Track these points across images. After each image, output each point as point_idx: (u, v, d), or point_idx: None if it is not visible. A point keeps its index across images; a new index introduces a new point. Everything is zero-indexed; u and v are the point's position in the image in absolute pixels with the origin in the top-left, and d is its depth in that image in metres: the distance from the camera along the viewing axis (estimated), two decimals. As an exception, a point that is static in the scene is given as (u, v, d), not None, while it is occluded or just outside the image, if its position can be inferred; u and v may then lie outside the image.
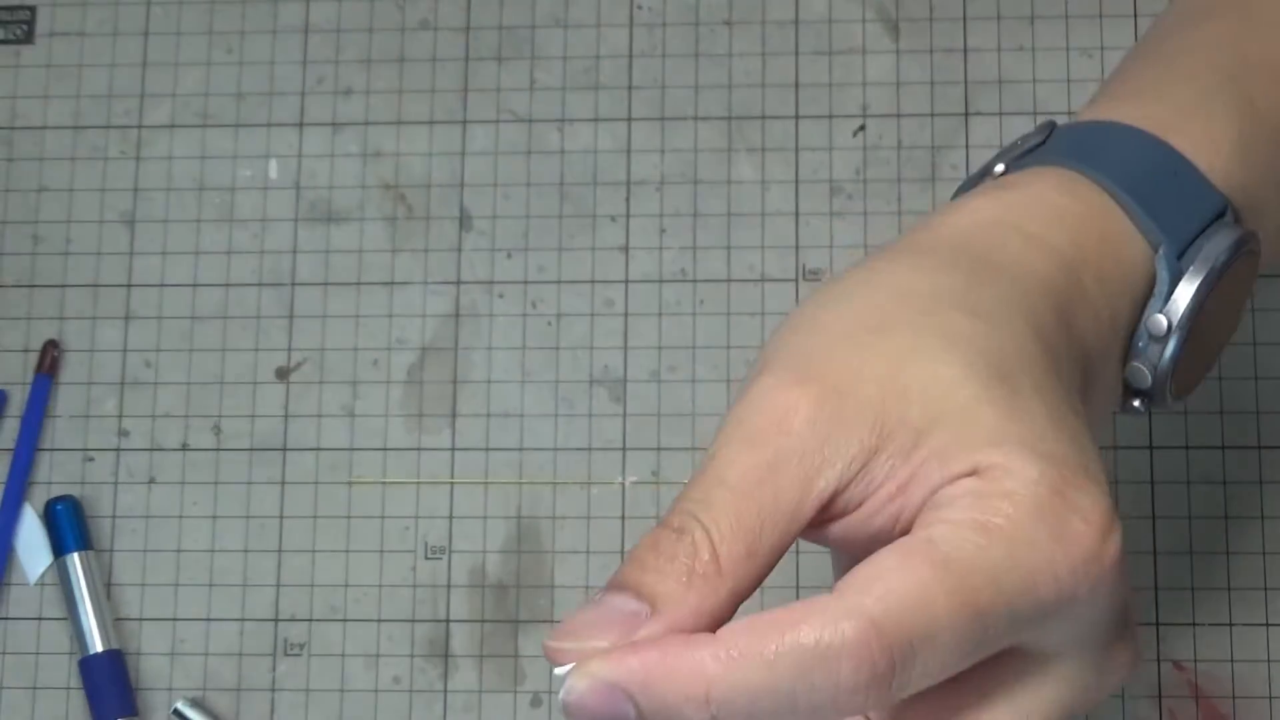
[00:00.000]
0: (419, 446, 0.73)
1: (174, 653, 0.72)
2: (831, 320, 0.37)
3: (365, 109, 0.76)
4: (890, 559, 0.32)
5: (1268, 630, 0.69)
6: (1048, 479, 0.33)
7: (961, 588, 0.32)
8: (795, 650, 0.31)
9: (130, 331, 0.75)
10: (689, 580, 0.33)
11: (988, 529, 0.32)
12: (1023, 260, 0.39)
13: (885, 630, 0.31)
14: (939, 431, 0.34)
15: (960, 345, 0.36)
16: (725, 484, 0.34)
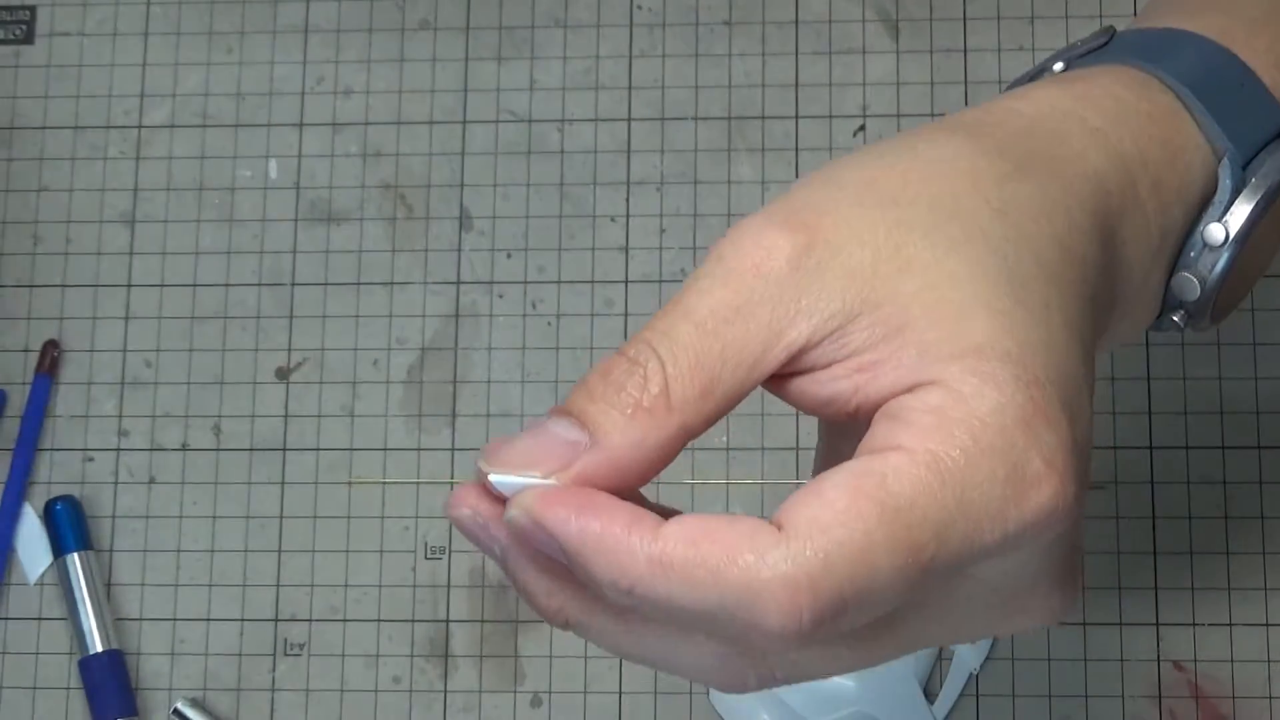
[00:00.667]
0: (419, 446, 0.73)
1: (174, 653, 0.72)
2: (849, 178, 0.35)
3: (365, 109, 0.76)
4: (839, 499, 0.30)
5: (1268, 630, 0.69)
6: (1018, 406, 0.31)
7: (908, 543, 0.30)
8: (726, 584, 0.30)
9: (130, 331, 0.75)
10: (633, 413, 0.32)
11: (942, 468, 0.31)
12: (1081, 156, 0.37)
13: (820, 590, 0.30)
14: (928, 323, 0.32)
15: (977, 240, 0.34)
16: (691, 318, 0.33)
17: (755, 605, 0.30)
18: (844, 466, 0.31)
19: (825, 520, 0.30)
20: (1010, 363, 0.32)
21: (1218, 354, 0.71)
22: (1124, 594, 0.69)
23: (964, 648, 0.68)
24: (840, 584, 0.30)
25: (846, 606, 0.30)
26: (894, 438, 0.31)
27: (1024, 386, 0.32)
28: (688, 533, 0.30)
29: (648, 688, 0.70)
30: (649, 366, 0.32)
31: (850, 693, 0.68)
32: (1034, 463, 0.31)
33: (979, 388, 0.31)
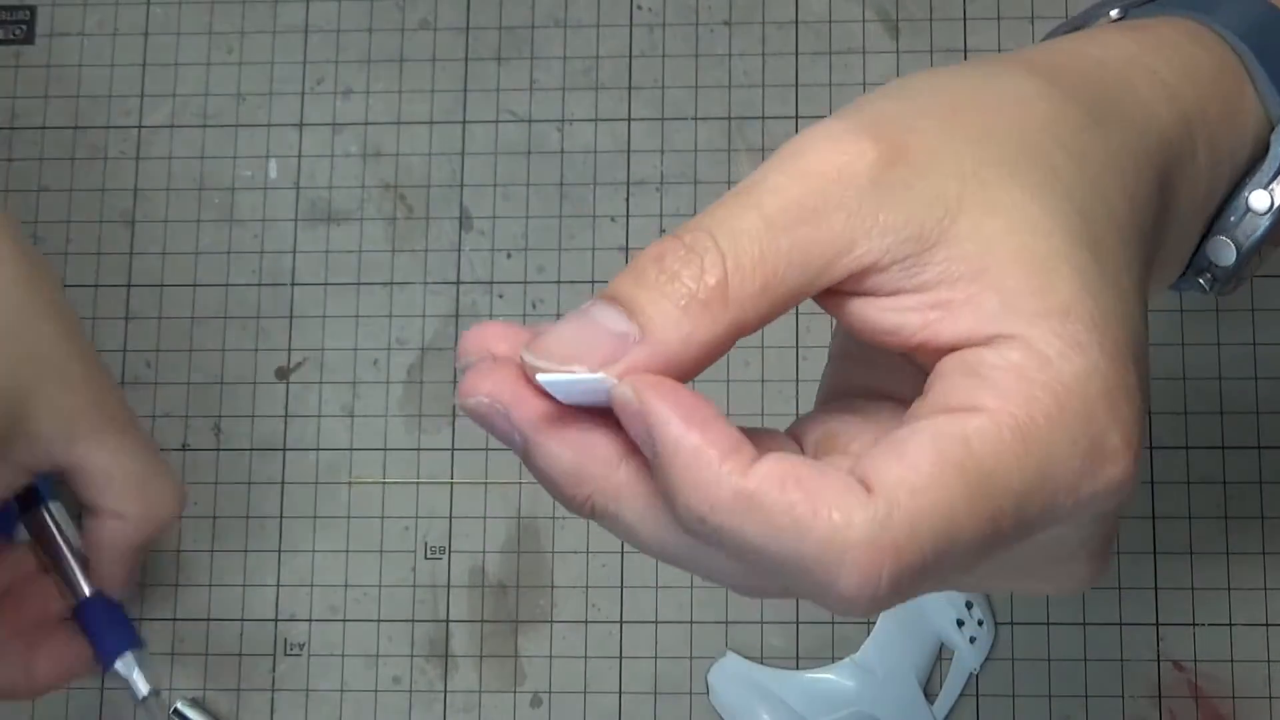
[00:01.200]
0: (419, 446, 0.73)
1: (174, 653, 0.72)
2: (929, 100, 0.33)
3: (365, 109, 0.76)
4: (924, 462, 0.29)
5: (1268, 630, 0.69)
6: (1101, 376, 0.30)
7: (989, 511, 0.29)
8: (808, 538, 0.28)
9: (130, 331, 0.75)
10: (687, 305, 0.30)
11: (1026, 435, 0.29)
12: (1148, 109, 0.36)
13: (903, 557, 0.28)
14: (1013, 271, 0.30)
15: (1058, 188, 0.32)
16: (759, 210, 0.30)
17: (835, 566, 0.28)
18: (923, 425, 0.30)
19: (912, 484, 0.28)
20: (1095, 330, 0.30)
21: (1218, 354, 0.71)
22: (1124, 594, 0.69)
23: (964, 647, 0.68)
24: (924, 551, 0.28)
25: (926, 573, 0.29)
26: (975, 397, 0.30)
27: (1108, 356, 0.30)
28: (779, 474, 0.28)
29: (648, 688, 0.70)
30: (707, 257, 0.30)
31: (850, 693, 0.69)
32: (1113, 438, 0.30)
33: (1064, 351, 0.30)
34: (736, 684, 0.69)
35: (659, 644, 0.70)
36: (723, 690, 0.69)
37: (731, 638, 0.70)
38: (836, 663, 0.69)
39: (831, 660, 0.69)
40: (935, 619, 0.69)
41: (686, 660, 0.70)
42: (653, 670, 0.70)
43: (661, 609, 0.70)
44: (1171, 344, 0.71)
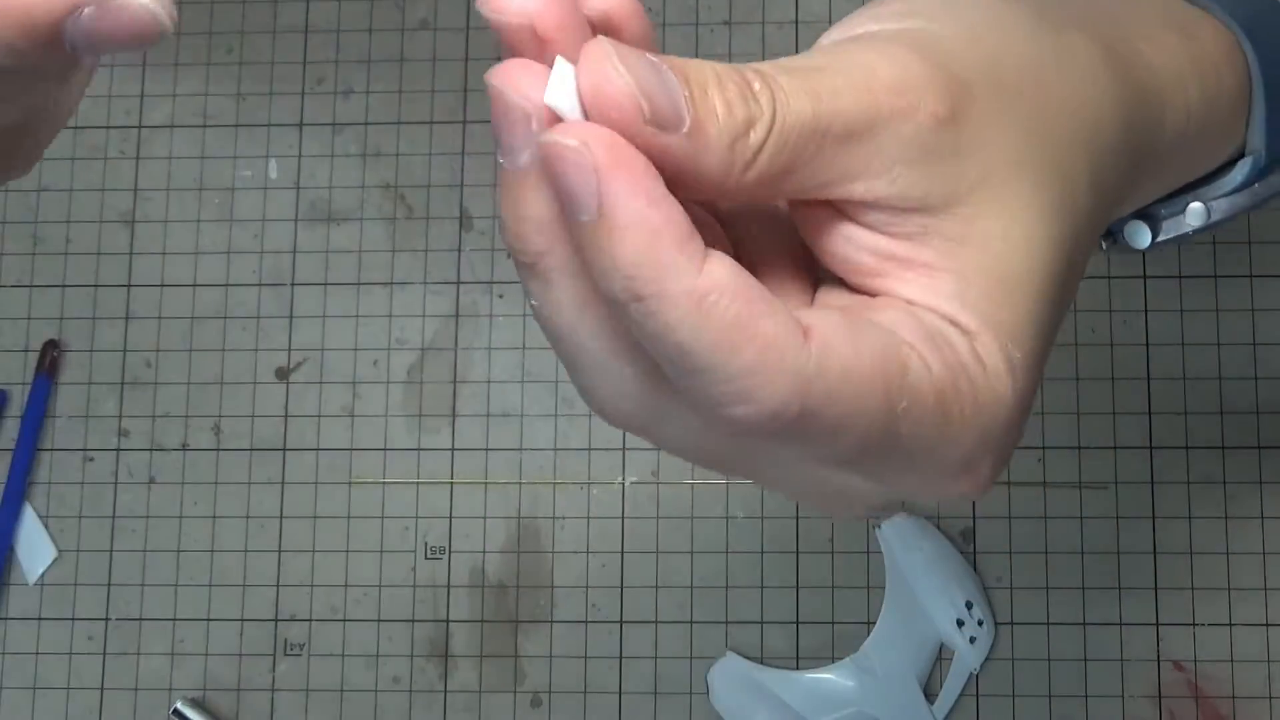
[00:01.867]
0: (419, 446, 0.73)
1: (174, 653, 0.72)
2: (1004, 54, 0.33)
3: (365, 109, 0.76)
4: (868, 361, 0.29)
5: (1267, 630, 0.69)
6: (1009, 411, 0.31)
7: (883, 436, 0.29)
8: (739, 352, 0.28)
9: (130, 331, 0.75)
10: (730, 144, 0.29)
11: (938, 414, 0.30)
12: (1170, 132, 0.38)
13: (808, 413, 0.28)
14: (985, 275, 0.31)
15: (1065, 210, 0.32)
16: (815, 104, 0.29)
17: (748, 390, 0.28)
18: (877, 327, 0.30)
19: (849, 370, 0.29)
20: (1026, 361, 0.31)
21: (1218, 354, 0.71)
22: (1124, 594, 0.69)
23: (964, 647, 0.68)
24: (826, 427, 0.29)
25: (801, 439, 0.29)
26: (921, 343, 0.30)
27: (1020, 392, 0.31)
28: (732, 284, 0.28)
29: (648, 688, 0.70)
30: (764, 115, 0.29)
31: (850, 693, 0.69)
32: (986, 465, 0.32)
33: (1001, 369, 0.31)
34: (736, 684, 0.69)
35: (659, 644, 0.70)
36: (723, 690, 0.69)
37: (731, 638, 0.70)
38: (836, 663, 0.69)
39: (831, 660, 0.69)
40: (935, 619, 0.69)
41: (686, 660, 0.70)
42: (653, 670, 0.70)
43: (661, 609, 0.70)
44: (1172, 344, 0.71)
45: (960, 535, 0.71)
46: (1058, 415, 0.71)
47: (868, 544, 0.71)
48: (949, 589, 0.69)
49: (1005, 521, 0.70)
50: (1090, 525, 0.70)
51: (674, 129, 0.28)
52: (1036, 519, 0.70)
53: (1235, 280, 0.72)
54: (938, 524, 0.70)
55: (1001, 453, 0.32)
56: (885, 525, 0.70)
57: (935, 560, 0.69)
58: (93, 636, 0.72)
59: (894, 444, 0.30)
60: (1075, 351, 0.71)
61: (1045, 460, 0.71)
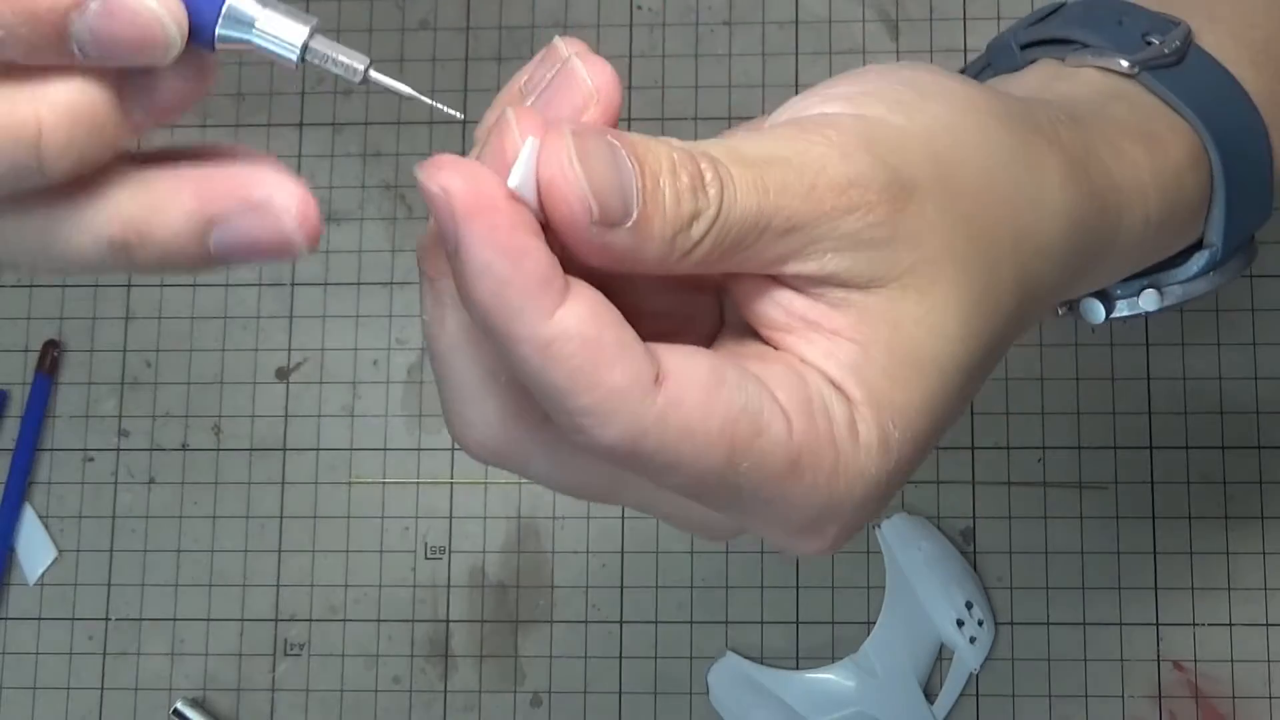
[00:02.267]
0: (419, 446, 0.73)
1: (174, 653, 0.72)
2: (965, 154, 0.34)
3: (365, 109, 0.76)
4: (720, 414, 0.30)
5: (1268, 630, 0.69)
6: (876, 487, 0.32)
7: (721, 484, 0.31)
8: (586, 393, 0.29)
9: (130, 331, 0.75)
10: (671, 238, 0.30)
11: (791, 471, 0.31)
12: (1123, 245, 0.39)
13: (645, 451, 0.30)
14: (890, 354, 0.32)
15: (986, 307, 0.34)
16: (761, 200, 0.31)
17: (596, 426, 0.29)
18: (744, 386, 0.31)
19: (690, 427, 0.30)
20: (907, 444, 0.32)
21: (1218, 354, 0.71)
22: (1124, 594, 0.69)
23: (964, 647, 0.68)
24: (649, 463, 0.30)
25: (638, 470, 0.31)
26: (791, 401, 0.31)
27: (893, 473, 0.32)
28: (580, 334, 0.29)
29: (648, 688, 0.70)
30: (709, 210, 0.30)
31: (850, 693, 0.69)
32: (832, 529, 0.33)
33: (874, 445, 0.32)
34: (736, 684, 0.69)
35: (659, 644, 0.70)
36: (723, 690, 0.69)
37: (731, 638, 0.70)
38: (836, 663, 0.69)
39: (831, 660, 0.69)
40: (935, 619, 0.69)
41: (686, 660, 0.70)
42: (653, 670, 0.70)
43: (661, 609, 0.70)
44: (1172, 344, 0.71)
45: (960, 535, 0.71)
46: (1058, 415, 0.71)
47: (868, 544, 0.71)
48: (949, 589, 0.69)
49: (1005, 521, 0.70)
50: (1090, 525, 0.70)
51: (620, 224, 0.30)
52: (1036, 519, 0.70)
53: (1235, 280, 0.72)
54: (938, 524, 0.70)
55: (851, 522, 0.33)
56: (885, 525, 0.70)
57: (935, 560, 0.69)
58: (93, 636, 0.72)
59: (734, 494, 0.31)
60: (1075, 351, 0.71)
61: (1045, 460, 0.71)
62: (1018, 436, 0.71)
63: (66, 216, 0.29)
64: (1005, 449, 0.71)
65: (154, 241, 0.30)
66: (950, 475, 0.71)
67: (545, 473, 0.34)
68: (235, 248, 0.30)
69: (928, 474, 0.71)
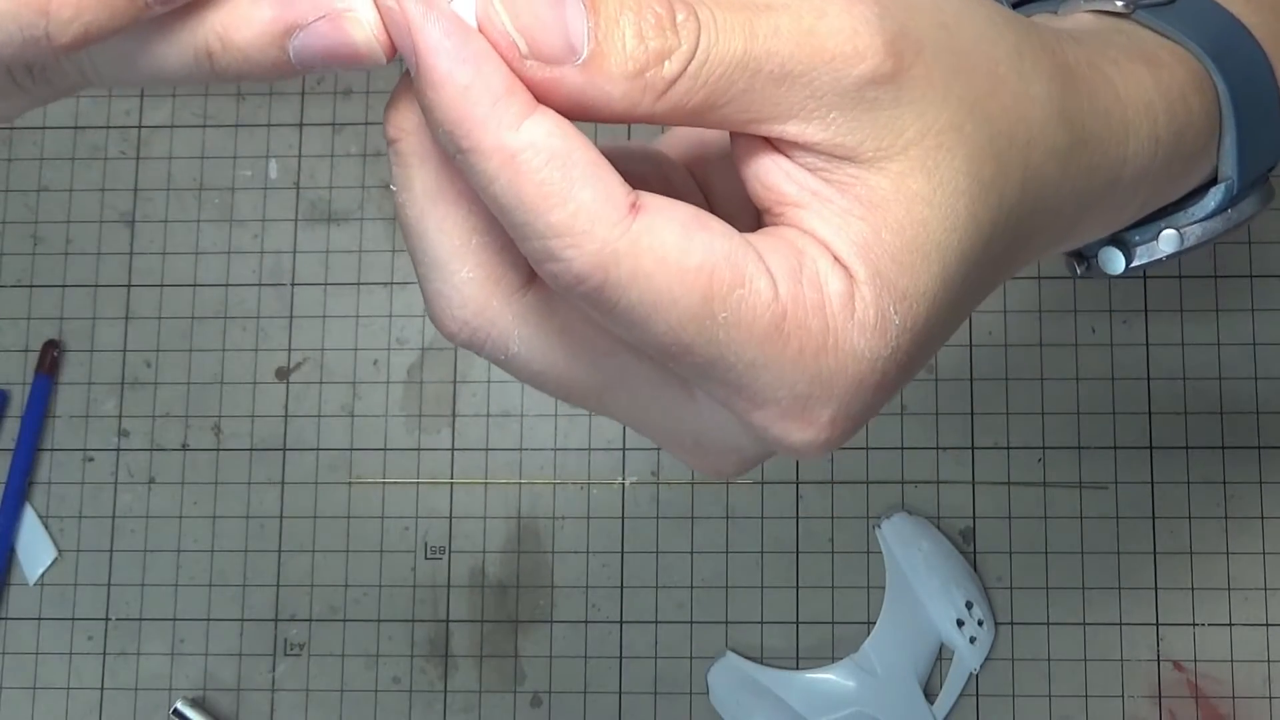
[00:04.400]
0: (419, 446, 0.73)
1: (174, 653, 0.72)
2: (960, 42, 0.33)
3: (365, 109, 0.76)
4: (700, 250, 0.30)
5: (1268, 630, 0.69)
6: (874, 370, 0.31)
7: (694, 335, 0.30)
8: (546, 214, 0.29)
9: (130, 331, 0.75)
10: (633, 75, 0.29)
11: (774, 336, 0.30)
12: (1129, 163, 0.38)
13: (608, 286, 0.29)
14: (897, 234, 0.31)
15: (991, 201, 0.33)
16: (748, 41, 0.30)
17: (559, 252, 0.29)
18: (729, 236, 0.30)
19: (666, 257, 0.29)
20: (909, 332, 0.31)
21: (1218, 354, 0.71)
22: (1124, 594, 0.69)
23: (964, 647, 0.68)
24: (626, 299, 0.29)
25: (618, 311, 0.30)
26: (780, 266, 0.30)
27: (893, 360, 0.31)
28: (549, 147, 0.29)
29: (648, 688, 0.70)
30: (682, 48, 0.30)
31: (850, 693, 0.69)
32: (824, 414, 0.31)
33: (868, 324, 0.31)
34: (736, 684, 0.69)
35: (659, 644, 0.70)
36: (723, 690, 0.69)
37: (731, 638, 0.70)
38: (836, 663, 0.69)
39: (831, 660, 0.69)
40: (935, 619, 0.69)
41: (686, 660, 0.70)
42: (653, 670, 0.70)
43: (661, 609, 0.70)
44: (1172, 344, 0.71)
45: (960, 535, 0.71)
46: (1058, 415, 0.71)
47: (868, 544, 0.71)
48: (949, 589, 0.69)
49: (1005, 521, 0.70)
50: (1090, 525, 0.70)
51: (562, 61, 0.29)
52: (1036, 519, 0.70)
53: (1235, 280, 0.72)
54: (938, 524, 0.70)
55: (846, 408, 0.31)
56: (885, 525, 0.70)
57: (935, 560, 0.69)
58: (93, 636, 0.72)
59: (712, 351, 0.30)
60: (1075, 351, 0.71)
61: (1045, 460, 0.71)
62: (1018, 436, 0.71)
63: (154, 29, 0.30)
64: (1005, 449, 0.71)
65: (236, 47, 0.30)
66: (950, 475, 0.71)
67: (526, 354, 0.32)
68: (314, 54, 0.30)
69: (928, 474, 0.71)
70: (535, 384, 0.31)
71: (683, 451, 0.35)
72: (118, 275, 0.75)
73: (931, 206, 0.31)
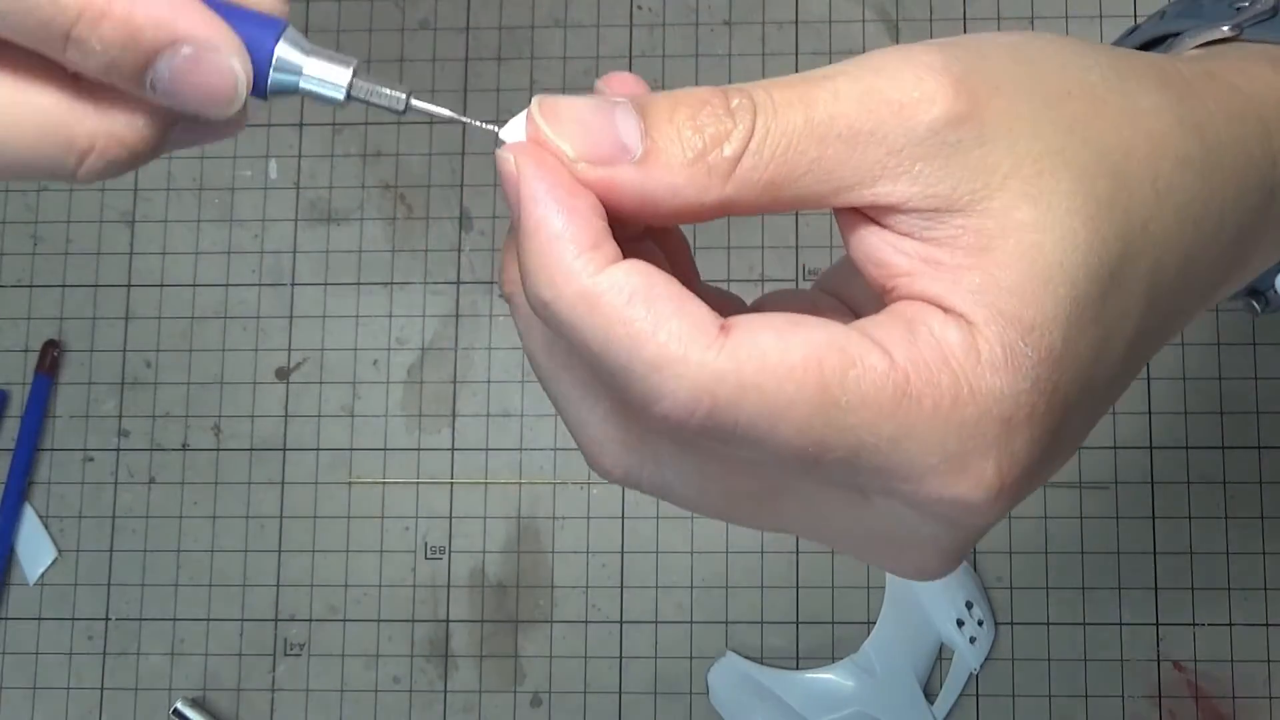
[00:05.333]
0: (419, 446, 0.73)
1: (174, 653, 0.72)
2: (1042, 72, 0.32)
3: (365, 109, 0.76)
4: (797, 353, 0.29)
5: (1268, 630, 0.69)
6: (1016, 405, 0.30)
7: (819, 435, 0.29)
8: (637, 358, 0.29)
9: (130, 331, 0.75)
10: (694, 161, 0.30)
11: (903, 403, 0.29)
12: (1257, 166, 0.35)
13: (718, 412, 0.29)
14: (1013, 267, 0.30)
15: (1114, 222, 0.31)
16: (809, 110, 0.30)
17: (656, 389, 0.29)
18: (828, 325, 0.30)
19: (768, 362, 0.29)
20: (1044, 364, 0.30)
21: (1218, 354, 0.71)
22: (1124, 594, 0.69)
23: (964, 647, 0.68)
24: (737, 421, 0.29)
25: (736, 438, 0.29)
26: (891, 340, 0.30)
27: (1039, 391, 0.30)
28: (629, 286, 0.29)
29: (648, 688, 0.70)
30: (738, 129, 0.30)
31: (850, 693, 0.69)
32: (987, 464, 0.30)
33: (998, 362, 0.30)
34: (736, 684, 0.69)
35: (659, 644, 0.70)
36: (723, 690, 0.69)
37: (731, 638, 0.70)
38: (836, 663, 0.69)
39: (831, 660, 0.69)
40: (935, 619, 0.69)
41: (686, 660, 0.70)
42: (653, 670, 0.70)
43: (661, 609, 0.70)
44: (1172, 344, 0.71)
45: (960, 535, 0.71)
46: (1058, 415, 0.71)
47: (868, 544, 0.71)
48: (949, 589, 0.69)
49: (1005, 521, 0.70)
50: (1090, 525, 0.70)
51: (617, 161, 0.30)
52: (1036, 519, 0.70)
53: None
54: (938, 524, 0.70)
55: (1006, 452, 0.30)
56: (885, 525, 0.70)
57: (935, 560, 0.69)
58: (93, 636, 0.72)
59: (849, 440, 0.29)
60: (1075, 351, 0.71)
61: (1045, 460, 0.71)
62: (1018, 436, 0.71)
63: None
64: (1005, 449, 0.71)
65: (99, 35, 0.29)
66: (950, 475, 0.71)
67: (683, 485, 0.32)
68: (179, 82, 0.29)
69: (928, 474, 0.71)
70: (705, 513, 0.31)
71: (879, 555, 0.33)
72: (118, 275, 0.75)
73: (1043, 231, 0.30)
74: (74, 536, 0.73)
